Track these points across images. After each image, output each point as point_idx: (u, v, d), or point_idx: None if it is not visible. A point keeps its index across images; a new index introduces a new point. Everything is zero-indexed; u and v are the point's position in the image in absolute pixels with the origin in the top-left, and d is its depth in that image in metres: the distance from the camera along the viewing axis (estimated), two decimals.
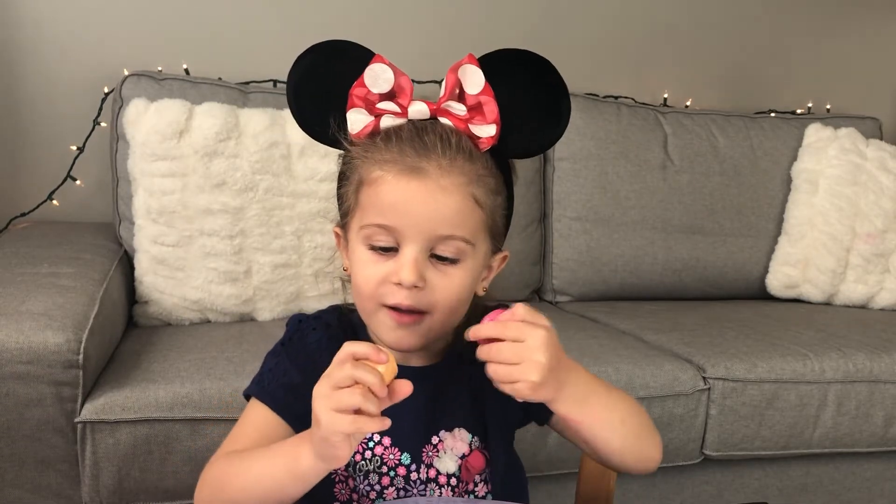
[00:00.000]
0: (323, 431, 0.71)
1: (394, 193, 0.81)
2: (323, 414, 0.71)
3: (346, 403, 0.70)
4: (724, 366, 1.70)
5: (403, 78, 0.84)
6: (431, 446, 0.90)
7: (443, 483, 0.90)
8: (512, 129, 0.84)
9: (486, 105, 0.82)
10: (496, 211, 0.87)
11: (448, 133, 0.83)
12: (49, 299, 1.40)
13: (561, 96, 0.85)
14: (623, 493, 1.72)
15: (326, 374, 0.73)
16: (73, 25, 2.08)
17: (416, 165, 0.81)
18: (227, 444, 0.87)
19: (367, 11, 2.27)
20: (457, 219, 0.82)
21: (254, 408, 0.88)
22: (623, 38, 2.51)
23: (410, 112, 0.84)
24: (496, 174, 0.86)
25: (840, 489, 1.88)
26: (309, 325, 0.92)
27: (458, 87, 0.84)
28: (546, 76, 0.85)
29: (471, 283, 0.86)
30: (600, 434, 0.86)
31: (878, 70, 2.79)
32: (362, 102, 0.84)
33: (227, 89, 1.95)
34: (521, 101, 0.84)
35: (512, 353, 0.77)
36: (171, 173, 1.73)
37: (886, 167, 2.28)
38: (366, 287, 0.85)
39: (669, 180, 2.26)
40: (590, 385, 0.85)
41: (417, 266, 0.82)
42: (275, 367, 0.90)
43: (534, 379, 0.76)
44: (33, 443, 1.33)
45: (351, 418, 0.70)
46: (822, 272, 2.26)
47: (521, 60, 0.85)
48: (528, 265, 2.20)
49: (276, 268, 1.78)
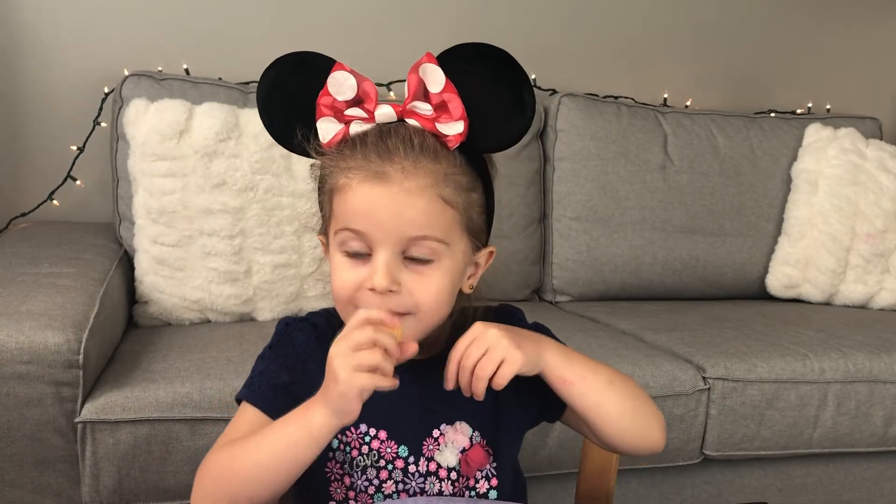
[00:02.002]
0: (342, 387, 0.75)
1: (359, 200, 0.82)
2: (343, 371, 0.75)
3: (368, 362, 0.75)
4: (724, 366, 1.70)
5: (367, 83, 0.85)
6: (432, 439, 0.90)
7: (443, 477, 0.90)
8: (480, 124, 0.84)
9: (451, 102, 0.83)
10: (471, 208, 0.87)
11: (412, 135, 0.83)
12: (49, 299, 1.40)
13: (522, 86, 0.84)
14: (623, 493, 1.72)
15: (343, 337, 0.77)
16: (73, 25, 2.08)
17: (380, 170, 0.82)
18: (221, 442, 0.87)
19: (367, 11, 2.28)
20: (424, 220, 0.82)
21: (245, 411, 0.88)
22: (623, 38, 2.51)
23: (377, 116, 0.84)
24: (467, 171, 0.86)
25: (840, 489, 1.88)
26: (296, 327, 0.93)
27: (423, 88, 0.84)
28: (506, 68, 0.84)
29: (451, 281, 0.86)
30: (593, 398, 0.87)
31: (878, 70, 2.79)
32: (330, 111, 0.85)
33: (227, 89, 1.95)
34: (485, 95, 0.84)
35: (476, 349, 0.82)
36: (171, 173, 1.73)
37: (886, 167, 2.28)
38: (342, 292, 0.85)
39: (669, 180, 2.26)
40: (566, 348, 0.89)
41: (389, 270, 0.82)
42: (265, 370, 0.90)
43: (509, 349, 0.81)
44: (33, 443, 1.33)
45: (369, 375, 0.75)
46: (822, 272, 2.26)
47: (480, 54, 0.84)
48: (528, 265, 2.20)
49: (277, 268, 1.78)
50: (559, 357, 0.86)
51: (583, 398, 0.87)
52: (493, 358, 0.81)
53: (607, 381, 0.88)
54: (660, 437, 0.92)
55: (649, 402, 0.93)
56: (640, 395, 0.92)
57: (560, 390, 0.87)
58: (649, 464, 1.69)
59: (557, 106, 2.24)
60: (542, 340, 0.87)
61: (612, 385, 0.89)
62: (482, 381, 0.81)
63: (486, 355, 0.81)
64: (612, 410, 0.88)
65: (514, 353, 0.82)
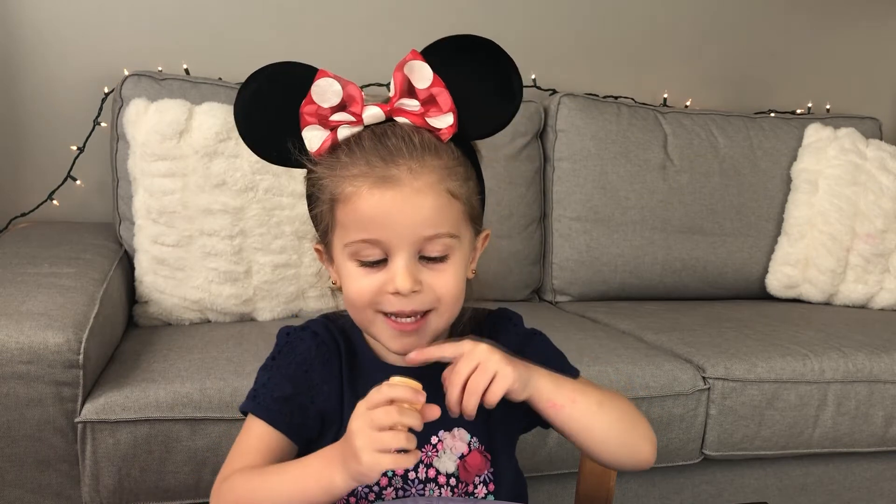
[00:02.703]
0: (364, 468, 0.74)
1: (371, 207, 0.81)
2: (365, 454, 0.74)
3: (392, 446, 0.74)
4: (724, 366, 1.70)
5: (351, 86, 0.84)
6: (431, 446, 0.91)
7: (442, 483, 0.91)
8: (468, 113, 0.84)
9: (440, 96, 0.82)
10: (471, 197, 0.87)
11: (409, 133, 0.82)
12: (49, 299, 1.40)
13: (511, 73, 0.85)
14: (623, 493, 1.72)
15: (365, 413, 0.75)
16: (73, 25, 2.08)
17: (387, 174, 0.81)
18: (234, 459, 0.88)
19: (367, 11, 2.28)
20: (438, 218, 0.82)
21: (252, 423, 0.89)
22: (623, 38, 2.51)
23: (365, 118, 0.83)
24: (464, 161, 0.86)
25: (840, 489, 1.88)
26: (297, 337, 0.93)
27: (408, 84, 0.83)
28: (492, 55, 0.84)
29: (463, 272, 0.87)
30: (582, 423, 0.87)
31: (878, 70, 2.79)
32: (315, 118, 0.84)
33: (227, 89, 1.95)
34: (473, 84, 0.84)
35: (466, 366, 0.81)
36: (171, 173, 1.73)
37: (886, 167, 2.28)
38: (360, 299, 0.85)
39: (669, 180, 2.26)
40: (555, 374, 0.88)
41: (411, 272, 0.82)
42: (267, 382, 0.91)
43: (500, 364, 0.80)
44: (33, 443, 1.33)
45: (393, 457, 0.74)
46: (822, 272, 2.26)
47: (464, 45, 0.84)
48: (528, 265, 2.20)
49: (277, 268, 1.78)
50: (549, 381, 0.86)
51: (571, 422, 0.87)
52: (486, 372, 0.80)
53: (597, 403, 0.88)
54: (649, 454, 0.91)
55: (639, 419, 0.92)
56: (629, 415, 0.91)
57: (549, 415, 0.86)
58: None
59: (557, 106, 2.24)
60: (531, 365, 0.86)
61: (602, 407, 0.88)
62: (474, 395, 0.80)
63: (477, 370, 0.80)
64: (600, 434, 0.88)
65: (506, 369, 0.81)
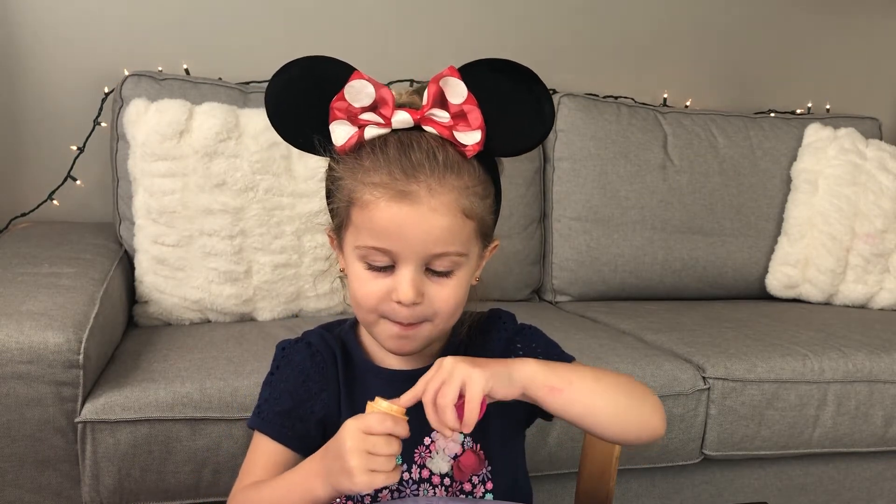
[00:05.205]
0: (359, 487, 0.79)
1: (386, 219, 0.82)
2: (360, 474, 0.78)
3: (385, 469, 0.79)
4: (724, 366, 1.70)
5: (384, 90, 0.84)
6: (424, 447, 0.91)
7: (436, 483, 0.91)
8: (497, 131, 0.84)
9: (471, 113, 0.83)
10: (486, 214, 0.87)
11: (434, 148, 0.83)
12: (49, 299, 1.40)
13: (543, 99, 0.85)
14: (623, 493, 1.72)
15: (363, 438, 0.78)
16: (73, 25, 2.08)
17: (406, 189, 0.81)
18: (243, 476, 0.91)
19: (368, 12, 2.27)
20: (449, 237, 0.83)
21: (258, 439, 0.92)
22: (623, 38, 2.52)
23: (394, 122, 0.84)
24: (484, 179, 0.86)
25: (840, 489, 1.88)
26: (293, 349, 0.95)
27: (441, 97, 0.84)
28: (526, 80, 0.85)
29: (466, 285, 0.88)
30: (584, 402, 0.86)
31: (878, 70, 2.79)
32: (344, 114, 0.84)
33: (227, 89, 1.95)
34: (505, 105, 0.85)
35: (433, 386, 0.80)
36: (171, 173, 1.73)
37: (886, 167, 2.28)
38: (366, 302, 0.87)
39: (669, 180, 2.26)
40: (546, 361, 0.87)
41: (415, 285, 0.84)
42: (269, 398, 0.93)
43: (466, 370, 0.80)
44: (33, 443, 1.33)
45: (385, 475, 0.79)
46: (822, 272, 2.26)
47: (500, 68, 0.85)
48: (528, 265, 2.20)
49: (277, 268, 1.78)
50: (539, 367, 0.84)
51: (574, 405, 0.85)
52: (452, 382, 0.80)
53: (595, 380, 0.87)
54: (659, 422, 0.90)
55: (640, 387, 0.91)
56: (631, 387, 0.90)
57: (549, 401, 0.84)
58: (649, 464, 1.69)
59: (557, 106, 2.24)
60: (512, 360, 0.85)
61: (600, 382, 0.87)
62: (446, 409, 0.79)
63: (443, 384, 0.80)
64: (604, 411, 0.87)
65: (473, 372, 0.80)
